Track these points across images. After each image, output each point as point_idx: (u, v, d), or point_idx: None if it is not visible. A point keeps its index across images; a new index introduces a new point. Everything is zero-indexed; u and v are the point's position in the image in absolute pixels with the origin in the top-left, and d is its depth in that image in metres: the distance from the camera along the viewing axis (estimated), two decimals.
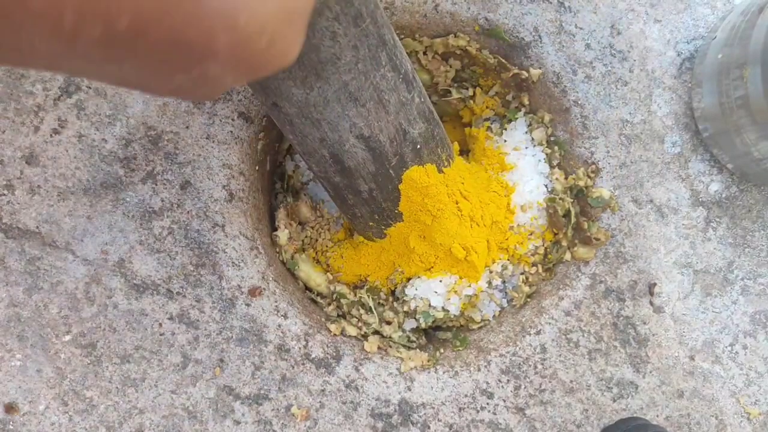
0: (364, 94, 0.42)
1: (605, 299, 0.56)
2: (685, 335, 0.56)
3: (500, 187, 0.58)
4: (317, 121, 0.43)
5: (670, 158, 0.58)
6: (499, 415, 0.54)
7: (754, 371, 0.57)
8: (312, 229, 0.61)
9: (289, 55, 0.23)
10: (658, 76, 0.58)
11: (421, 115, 0.48)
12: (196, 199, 0.54)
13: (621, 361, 0.56)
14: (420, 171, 0.50)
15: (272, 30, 0.21)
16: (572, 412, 0.55)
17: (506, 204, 0.58)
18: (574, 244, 0.58)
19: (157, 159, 0.54)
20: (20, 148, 0.53)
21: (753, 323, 0.57)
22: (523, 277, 0.59)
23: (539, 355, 0.55)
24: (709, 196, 0.58)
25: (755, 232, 0.58)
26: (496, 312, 0.60)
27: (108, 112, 0.54)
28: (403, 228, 0.54)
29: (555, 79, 0.58)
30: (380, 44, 0.42)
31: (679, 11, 0.58)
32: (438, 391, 0.54)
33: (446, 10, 0.57)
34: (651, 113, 0.58)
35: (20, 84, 0.53)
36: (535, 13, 0.57)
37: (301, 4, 0.22)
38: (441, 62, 0.61)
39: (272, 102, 0.42)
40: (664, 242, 0.57)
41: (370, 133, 0.45)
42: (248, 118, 0.56)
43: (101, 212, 0.53)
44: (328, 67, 0.39)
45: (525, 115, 0.61)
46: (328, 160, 0.47)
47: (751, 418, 0.56)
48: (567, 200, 0.57)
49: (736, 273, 0.57)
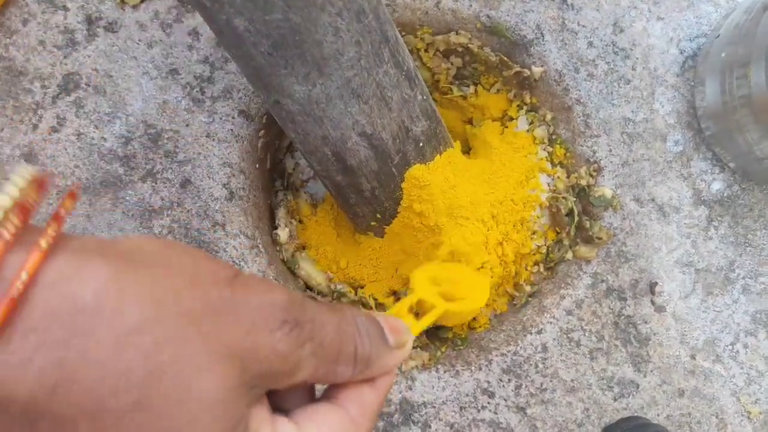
0: (366, 91, 0.42)
1: (607, 298, 0.56)
2: (686, 334, 0.56)
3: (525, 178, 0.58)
4: (319, 118, 0.43)
5: (672, 157, 0.58)
6: (500, 415, 0.54)
7: (755, 370, 0.57)
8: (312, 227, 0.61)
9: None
10: (661, 74, 0.58)
11: (423, 113, 0.48)
12: (196, 197, 0.54)
13: (622, 360, 0.55)
14: (423, 169, 0.50)
15: None
16: (573, 412, 0.55)
17: (524, 199, 0.57)
18: (576, 243, 0.58)
19: (156, 157, 0.54)
20: (19, 146, 0.53)
21: (754, 322, 0.57)
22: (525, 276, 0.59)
23: (540, 354, 0.55)
24: (711, 195, 0.58)
25: (757, 231, 0.58)
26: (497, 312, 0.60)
27: (107, 110, 0.54)
28: (404, 227, 0.54)
29: (557, 77, 0.58)
30: (383, 40, 0.41)
31: (682, 9, 0.58)
32: (439, 390, 0.54)
33: (448, 7, 0.57)
34: (653, 111, 0.57)
35: (18, 81, 0.53)
36: (538, 10, 0.57)
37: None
38: (442, 60, 0.61)
39: (274, 99, 0.42)
40: (666, 241, 0.57)
41: (372, 131, 0.45)
42: (248, 115, 0.55)
43: (100, 211, 0.53)
44: (331, 63, 0.39)
45: (526, 114, 0.61)
46: (330, 159, 0.47)
47: (752, 417, 0.56)
48: (570, 199, 0.57)
49: (737, 272, 0.57)
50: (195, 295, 0.21)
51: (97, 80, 0.54)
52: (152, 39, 0.55)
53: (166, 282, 0.20)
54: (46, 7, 0.54)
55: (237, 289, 0.22)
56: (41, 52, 0.53)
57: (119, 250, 0.21)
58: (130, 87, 0.54)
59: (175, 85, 0.55)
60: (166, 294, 0.20)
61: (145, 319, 0.19)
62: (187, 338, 0.20)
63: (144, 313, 0.19)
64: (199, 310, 0.21)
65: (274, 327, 0.22)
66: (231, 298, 0.22)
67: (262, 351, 0.22)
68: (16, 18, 0.53)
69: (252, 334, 0.21)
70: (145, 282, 0.20)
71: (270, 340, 0.22)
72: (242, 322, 0.21)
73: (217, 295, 0.21)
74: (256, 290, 0.22)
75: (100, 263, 0.20)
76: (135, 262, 0.20)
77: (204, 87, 0.55)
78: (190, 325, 0.20)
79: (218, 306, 0.21)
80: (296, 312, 0.23)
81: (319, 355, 0.24)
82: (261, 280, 0.23)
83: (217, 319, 0.21)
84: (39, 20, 0.54)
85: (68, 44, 0.54)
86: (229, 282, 0.22)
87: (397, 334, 0.28)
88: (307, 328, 0.23)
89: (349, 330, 0.25)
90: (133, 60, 0.54)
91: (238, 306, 0.22)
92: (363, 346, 0.25)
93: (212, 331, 0.21)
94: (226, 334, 0.21)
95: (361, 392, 0.26)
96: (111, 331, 0.19)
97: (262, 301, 0.22)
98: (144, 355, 0.19)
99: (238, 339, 0.21)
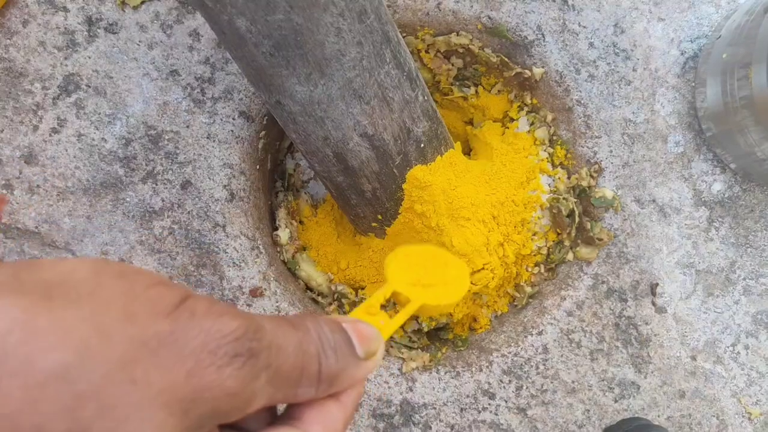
0: (368, 92, 0.42)
1: (607, 299, 0.56)
2: (686, 335, 0.56)
3: (528, 176, 0.58)
4: (321, 119, 0.43)
5: (673, 158, 0.57)
6: (501, 416, 0.54)
7: (756, 371, 0.57)
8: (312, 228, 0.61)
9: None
10: (662, 75, 0.58)
11: (424, 114, 0.48)
12: (197, 198, 0.54)
13: (623, 361, 0.55)
14: (424, 170, 0.50)
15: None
16: (574, 413, 0.55)
17: (524, 200, 0.57)
18: (576, 244, 0.58)
19: (157, 159, 0.54)
20: (19, 148, 0.52)
21: (755, 323, 0.57)
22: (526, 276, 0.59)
23: (541, 355, 0.55)
24: (711, 196, 0.58)
25: (758, 232, 0.58)
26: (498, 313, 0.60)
27: (108, 111, 0.54)
28: (405, 228, 0.54)
29: (558, 78, 0.58)
30: (384, 41, 0.41)
31: (683, 10, 0.58)
32: (440, 391, 0.54)
33: (449, 8, 0.57)
34: (654, 112, 0.57)
35: (19, 83, 0.53)
36: (539, 11, 0.57)
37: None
38: (443, 61, 0.61)
39: (275, 100, 0.42)
40: (667, 242, 0.57)
41: (374, 132, 0.45)
42: (249, 117, 0.55)
43: (101, 212, 0.53)
44: (333, 64, 0.39)
45: (527, 115, 0.61)
46: (332, 159, 0.47)
47: (753, 419, 0.56)
48: (571, 200, 0.57)
49: (738, 273, 0.57)
50: (128, 333, 0.18)
51: (98, 81, 0.54)
52: (153, 40, 0.55)
53: (93, 320, 0.18)
54: (47, 8, 0.54)
55: (179, 321, 0.19)
56: (41, 53, 0.53)
57: (39, 282, 0.18)
58: (130, 88, 0.54)
59: (176, 86, 0.54)
60: (92, 335, 0.18)
61: (65, 367, 0.17)
62: (116, 387, 0.17)
63: (63, 359, 0.17)
64: (132, 351, 0.18)
65: (223, 363, 0.19)
66: (171, 333, 0.19)
67: (207, 391, 0.19)
68: (17, 19, 0.53)
69: (195, 374, 0.19)
70: (66, 321, 0.17)
71: (217, 378, 0.19)
72: (184, 361, 0.19)
73: (153, 332, 0.19)
74: (203, 319, 0.20)
75: (10, 300, 0.17)
76: (56, 298, 0.18)
77: (204, 88, 0.55)
78: (119, 371, 0.18)
79: (155, 345, 0.18)
80: (250, 340, 0.20)
81: (276, 383, 0.21)
82: (210, 305, 0.20)
83: (153, 360, 0.18)
84: (39, 21, 0.53)
85: (68, 45, 0.54)
86: (170, 312, 0.19)
87: (366, 344, 0.25)
88: (263, 357, 0.21)
89: (311, 349, 0.23)
90: (133, 61, 0.54)
91: (178, 342, 0.19)
92: (328, 364, 0.23)
93: (147, 376, 0.18)
94: (163, 377, 0.18)
95: (326, 411, 0.24)
96: (21, 381, 0.16)
97: (209, 332, 0.20)
98: (63, 409, 0.17)
99: (179, 382, 0.19)
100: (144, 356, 0.18)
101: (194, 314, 0.20)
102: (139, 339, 0.18)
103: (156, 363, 0.18)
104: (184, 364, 0.19)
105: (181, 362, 0.19)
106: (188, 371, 0.19)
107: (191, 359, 0.19)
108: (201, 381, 0.19)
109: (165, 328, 0.19)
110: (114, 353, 0.18)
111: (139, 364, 0.18)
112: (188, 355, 0.19)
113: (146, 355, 0.18)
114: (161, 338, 0.19)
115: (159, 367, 0.18)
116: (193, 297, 0.20)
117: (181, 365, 0.19)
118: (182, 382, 0.19)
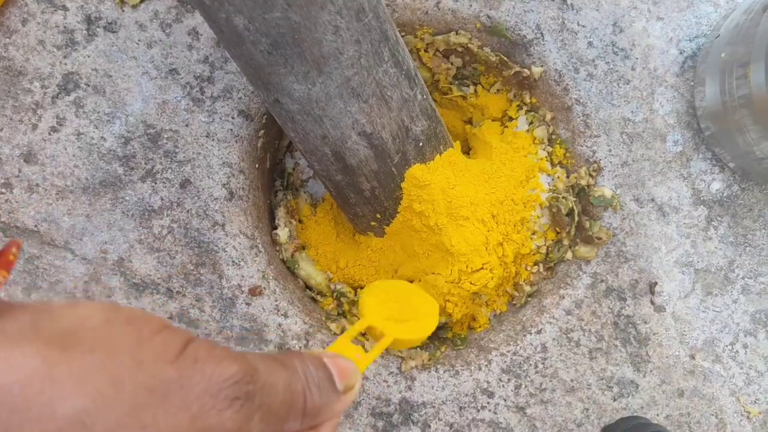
0: (366, 90, 0.42)
1: (606, 298, 0.56)
2: (685, 334, 0.56)
3: (527, 175, 0.58)
4: (319, 117, 0.43)
5: (672, 157, 0.58)
6: (500, 414, 0.54)
7: (755, 370, 0.57)
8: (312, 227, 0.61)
9: None
10: (661, 74, 0.58)
11: (423, 113, 0.48)
12: (196, 197, 0.54)
13: (621, 360, 0.55)
14: (423, 169, 0.50)
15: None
16: (573, 411, 0.55)
17: (524, 198, 0.57)
18: (575, 243, 0.58)
19: (156, 157, 0.54)
20: (18, 146, 0.53)
21: (753, 322, 0.57)
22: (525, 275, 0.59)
23: (540, 354, 0.55)
24: (710, 195, 0.58)
25: (756, 231, 0.58)
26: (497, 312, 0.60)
27: (107, 110, 0.54)
28: (404, 227, 0.54)
29: (557, 77, 0.58)
30: (383, 39, 0.41)
31: (681, 9, 0.58)
32: (438, 390, 0.54)
33: (448, 7, 0.57)
34: (653, 112, 0.57)
35: (18, 81, 0.53)
36: (538, 10, 0.57)
37: None
38: (442, 60, 0.61)
39: (274, 98, 0.42)
40: (665, 241, 0.57)
41: (372, 130, 0.45)
42: (248, 115, 0.55)
43: (100, 211, 0.53)
44: (331, 62, 0.39)
45: (526, 114, 0.61)
46: (330, 158, 0.47)
47: (751, 417, 0.56)
48: (570, 199, 0.57)
49: (736, 272, 0.57)
50: (138, 380, 0.20)
51: (97, 80, 0.54)
52: (152, 39, 0.55)
53: (106, 368, 0.19)
54: (46, 6, 0.54)
55: (185, 367, 0.21)
56: (41, 52, 0.53)
57: (55, 332, 0.19)
58: (129, 87, 0.54)
59: (175, 85, 0.55)
60: (106, 383, 0.19)
61: (83, 413, 0.18)
62: (128, 431, 0.19)
63: (81, 406, 0.18)
64: (142, 398, 0.20)
65: (223, 406, 0.21)
66: (177, 380, 0.21)
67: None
68: (16, 18, 0.53)
69: (199, 417, 0.21)
70: (82, 371, 0.19)
71: (218, 421, 0.21)
72: (189, 406, 0.20)
73: (161, 379, 0.20)
74: (205, 364, 0.21)
75: (31, 351, 0.18)
76: (72, 347, 0.19)
77: (204, 87, 0.55)
78: (131, 416, 0.19)
79: (163, 390, 0.20)
80: (247, 383, 0.22)
81: (267, 419, 0.23)
82: (211, 350, 0.22)
83: (161, 406, 0.20)
84: (38, 20, 0.54)
85: (68, 44, 0.54)
86: (175, 358, 0.21)
87: (346, 378, 0.28)
88: (258, 398, 0.22)
89: (298, 387, 0.25)
90: (132, 60, 0.54)
91: (184, 387, 0.21)
92: (312, 400, 0.25)
93: (156, 421, 0.20)
94: (170, 422, 0.20)
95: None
96: (43, 427, 0.17)
97: (212, 377, 0.21)
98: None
99: (184, 426, 0.20)
100: (153, 402, 0.20)
101: (197, 360, 0.22)
102: (148, 386, 0.20)
103: (163, 408, 0.20)
104: (189, 409, 0.21)
105: (186, 407, 0.20)
106: (192, 415, 0.21)
107: (195, 404, 0.21)
108: (204, 424, 0.21)
109: (171, 375, 0.21)
110: (126, 400, 0.19)
111: (148, 409, 0.20)
112: (193, 400, 0.21)
113: (155, 401, 0.20)
114: (168, 385, 0.20)
115: (166, 413, 0.20)
116: (195, 342, 0.22)
117: (186, 410, 0.20)
118: (187, 426, 0.20)
